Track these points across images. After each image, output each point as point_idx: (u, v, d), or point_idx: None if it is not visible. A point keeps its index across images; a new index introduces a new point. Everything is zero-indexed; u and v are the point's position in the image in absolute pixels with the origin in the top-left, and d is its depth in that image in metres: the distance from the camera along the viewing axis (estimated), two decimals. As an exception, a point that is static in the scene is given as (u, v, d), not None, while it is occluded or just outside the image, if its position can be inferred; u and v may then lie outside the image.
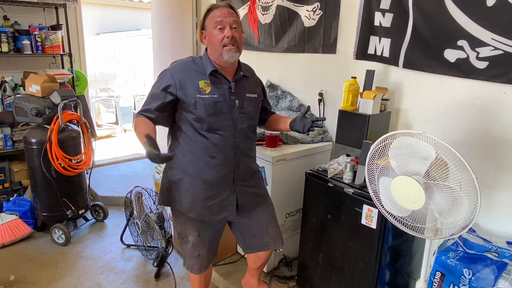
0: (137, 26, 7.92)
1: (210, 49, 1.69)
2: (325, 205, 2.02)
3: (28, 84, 2.84)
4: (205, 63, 1.69)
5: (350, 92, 2.13)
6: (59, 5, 3.50)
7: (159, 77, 1.71)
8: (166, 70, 1.71)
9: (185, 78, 1.66)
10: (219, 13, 1.63)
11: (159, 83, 1.68)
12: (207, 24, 1.67)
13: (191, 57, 1.76)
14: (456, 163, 1.27)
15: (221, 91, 1.68)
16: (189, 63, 1.71)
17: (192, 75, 1.67)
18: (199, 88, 1.65)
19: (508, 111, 1.73)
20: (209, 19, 1.66)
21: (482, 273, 1.55)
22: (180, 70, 1.68)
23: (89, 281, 2.48)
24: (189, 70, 1.68)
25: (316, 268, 2.14)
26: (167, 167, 1.81)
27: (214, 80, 1.68)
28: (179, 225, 1.83)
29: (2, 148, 3.32)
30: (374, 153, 1.51)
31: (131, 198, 2.69)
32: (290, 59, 2.89)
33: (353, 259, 1.91)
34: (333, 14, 2.47)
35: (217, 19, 1.63)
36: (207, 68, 1.68)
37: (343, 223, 1.94)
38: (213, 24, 1.63)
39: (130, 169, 4.43)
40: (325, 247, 2.06)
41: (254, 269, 2.10)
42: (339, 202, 1.94)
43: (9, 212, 2.99)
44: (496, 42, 1.66)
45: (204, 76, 1.67)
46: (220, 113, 1.67)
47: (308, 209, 2.15)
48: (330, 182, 1.97)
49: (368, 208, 1.78)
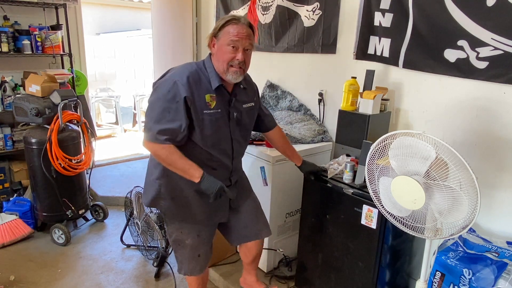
0: (137, 26, 7.91)
1: (216, 60, 1.60)
2: (324, 206, 2.02)
3: (28, 84, 2.84)
4: (210, 75, 1.59)
5: (350, 92, 2.13)
6: (59, 5, 3.50)
7: (166, 88, 1.53)
8: (172, 80, 1.54)
9: (194, 90, 1.54)
10: (237, 32, 1.53)
11: (171, 95, 1.51)
12: (221, 36, 1.56)
13: (195, 65, 1.62)
14: (456, 163, 1.27)
15: (222, 105, 1.63)
16: (195, 73, 1.58)
17: (200, 87, 1.57)
18: (206, 102, 1.57)
19: (508, 111, 1.73)
20: (225, 32, 1.55)
21: (482, 273, 1.54)
22: (189, 81, 1.54)
23: (89, 281, 2.48)
24: (197, 82, 1.56)
25: (315, 269, 2.13)
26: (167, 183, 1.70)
27: (217, 93, 1.61)
28: (175, 231, 1.80)
29: (2, 148, 3.32)
30: (374, 153, 1.51)
31: (131, 198, 2.69)
32: (290, 59, 2.89)
33: (353, 259, 1.91)
34: (332, 14, 2.47)
35: (233, 37, 1.53)
36: (213, 82, 1.59)
37: (343, 224, 1.93)
38: (227, 41, 1.54)
39: (130, 169, 4.43)
40: (324, 248, 2.06)
41: (248, 263, 2.10)
42: (338, 202, 1.94)
43: (9, 212, 2.99)
44: (496, 42, 1.66)
45: (210, 90, 1.59)
46: (220, 127, 1.64)
47: (306, 210, 2.15)
48: (329, 182, 1.97)
49: (368, 208, 1.78)
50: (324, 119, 2.67)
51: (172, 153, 1.54)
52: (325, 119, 2.67)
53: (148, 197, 1.75)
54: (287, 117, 2.73)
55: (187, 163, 1.56)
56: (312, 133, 2.51)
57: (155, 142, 1.53)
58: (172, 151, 1.54)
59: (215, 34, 1.58)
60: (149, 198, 1.75)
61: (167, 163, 1.58)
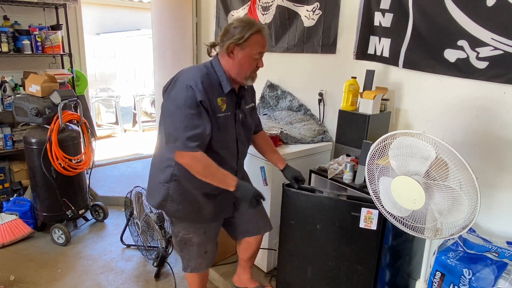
0: (137, 26, 7.91)
1: (233, 68, 1.58)
2: (313, 215, 1.88)
3: (28, 84, 2.84)
4: (221, 79, 1.59)
5: (350, 92, 2.13)
6: (59, 5, 3.50)
7: (183, 95, 1.50)
8: (187, 86, 1.51)
9: (208, 94, 1.53)
10: (264, 43, 1.57)
11: (190, 101, 1.49)
12: (247, 46, 1.54)
13: (204, 68, 1.60)
14: (456, 163, 1.27)
15: (231, 107, 1.65)
16: (207, 77, 1.56)
17: (212, 91, 1.56)
18: (218, 106, 1.58)
19: (508, 111, 1.73)
20: (253, 43, 1.54)
21: (482, 273, 1.54)
22: (203, 86, 1.52)
23: (89, 281, 2.48)
24: (209, 86, 1.55)
25: (304, 284, 2.00)
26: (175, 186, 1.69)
27: (227, 96, 1.63)
28: (181, 231, 1.81)
29: (2, 148, 3.32)
30: (374, 153, 1.51)
31: (131, 198, 2.69)
32: (290, 59, 2.89)
33: (350, 265, 1.85)
34: (332, 14, 2.47)
35: (262, 49, 1.57)
36: (224, 85, 1.59)
37: (338, 231, 1.84)
38: (256, 52, 1.56)
39: (130, 169, 4.43)
40: (315, 260, 1.93)
41: (245, 260, 2.11)
42: (332, 209, 1.83)
43: (9, 212, 2.99)
44: (496, 42, 1.66)
45: (221, 93, 1.59)
46: (229, 129, 1.66)
47: (288, 223, 1.94)
48: (316, 190, 1.86)
49: (367, 210, 1.75)
50: (324, 119, 2.67)
51: (209, 165, 1.55)
52: (325, 119, 2.67)
53: (156, 200, 1.75)
54: (287, 117, 2.73)
55: (223, 173, 1.58)
56: (312, 133, 2.51)
57: (186, 150, 1.51)
58: (209, 163, 1.55)
59: (239, 43, 1.53)
60: (157, 201, 1.75)
61: (203, 175, 1.57)
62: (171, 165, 1.66)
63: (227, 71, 1.60)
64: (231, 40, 1.54)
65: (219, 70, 1.60)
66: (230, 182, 1.58)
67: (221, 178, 1.58)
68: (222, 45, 1.58)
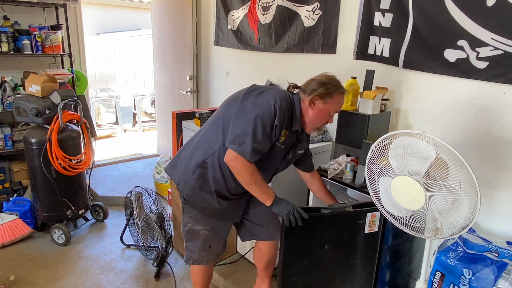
0: (137, 26, 7.91)
1: (309, 116, 1.66)
2: (320, 237, 1.71)
3: (28, 84, 2.84)
4: (295, 116, 1.67)
5: (350, 92, 2.13)
6: (59, 5, 3.50)
7: (267, 108, 1.56)
8: (273, 102, 1.57)
9: (281, 121, 1.60)
10: (342, 105, 1.72)
11: (269, 118, 1.56)
12: (329, 101, 1.64)
13: (290, 98, 1.66)
14: (456, 163, 1.26)
15: (288, 143, 1.72)
16: (289, 106, 1.63)
17: (285, 120, 1.62)
18: (280, 135, 1.64)
19: (508, 111, 1.73)
20: (336, 101, 1.66)
21: (482, 273, 1.55)
22: (283, 111, 1.58)
23: (89, 281, 2.48)
24: (287, 114, 1.62)
25: None
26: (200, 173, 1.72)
27: (291, 133, 1.70)
28: (190, 221, 1.85)
29: (2, 148, 3.32)
30: (374, 153, 1.51)
31: (131, 198, 2.69)
32: (290, 59, 2.89)
33: (355, 274, 1.81)
34: (332, 14, 2.47)
35: (339, 109, 1.71)
36: (295, 124, 1.67)
37: (345, 244, 1.75)
38: (334, 110, 1.69)
39: (130, 169, 4.43)
40: (321, 280, 1.78)
41: (261, 270, 2.10)
42: (338, 224, 1.71)
43: (9, 212, 2.99)
44: (496, 42, 1.66)
45: (288, 127, 1.66)
46: (276, 159, 1.73)
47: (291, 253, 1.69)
48: (324, 209, 1.71)
49: (372, 214, 1.71)
50: (324, 119, 2.67)
51: (255, 173, 1.61)
52: (325, 119, 2.67)
53: (177, 174, 1.79)
54: (287, 117, 2.73)
55: (265, 185, 1.66)
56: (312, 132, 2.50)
57: (245, 158, 1.56)
58: (257, 173, 1.62)
59: (323, 97, 1.63)
60: (177, 175, 1.79)
61: (247, 182, 1.62)
62: (208, 153, 1.70)
63: (303, 115, 1.68)
64: (317, 92, 1.63)
65: (297, 108, 1.68)
66: (269, 196, 1.66)
67: (263, 189, 1.65)
68: (309, 93, 1.65)
